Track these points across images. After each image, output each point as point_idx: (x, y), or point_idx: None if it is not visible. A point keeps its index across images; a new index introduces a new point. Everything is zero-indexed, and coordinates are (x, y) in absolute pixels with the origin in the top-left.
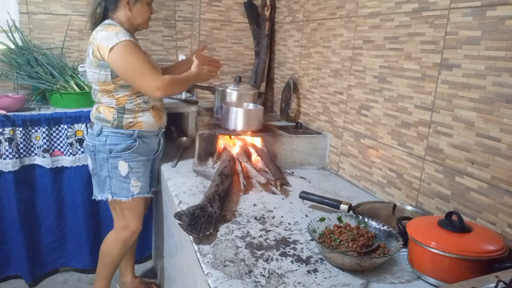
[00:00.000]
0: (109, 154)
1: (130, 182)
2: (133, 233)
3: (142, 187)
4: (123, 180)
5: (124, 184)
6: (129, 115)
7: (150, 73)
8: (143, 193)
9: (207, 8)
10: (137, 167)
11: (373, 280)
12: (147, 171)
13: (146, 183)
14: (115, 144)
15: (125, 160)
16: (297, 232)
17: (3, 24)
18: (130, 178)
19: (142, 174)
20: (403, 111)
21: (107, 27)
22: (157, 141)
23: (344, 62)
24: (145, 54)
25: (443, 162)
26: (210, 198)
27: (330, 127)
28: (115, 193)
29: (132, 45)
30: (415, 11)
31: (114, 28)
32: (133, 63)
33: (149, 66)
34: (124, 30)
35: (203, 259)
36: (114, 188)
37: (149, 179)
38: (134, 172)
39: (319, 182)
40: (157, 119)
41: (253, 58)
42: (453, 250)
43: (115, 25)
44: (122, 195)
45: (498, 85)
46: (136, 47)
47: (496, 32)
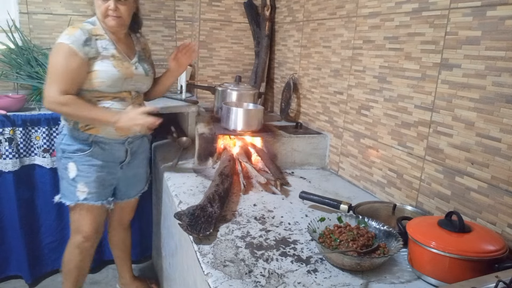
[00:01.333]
0: (62, 154)
1: (76, 186)
2: (86, 238)
3: (91, 194)
4: (71, 183)
5: (71, 187)
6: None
7: (54, 82)
8: (91, 201)
9: (207, 8)
10: (88, 171)
11: (373, 280)
12: (104, 179)
13: (98, 191)
14: (68, 145)
15: (75, 162)
16: (297, 232)
17: (3, 24)
18: (77, 181)
19: (93, 180)
20: (403, 111)
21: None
22: (123, 150)
23: (344, 62)
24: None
25: (443, 162)
26: (210, 198)
27: (330, 127)
28: (63, 195)
29: (64, 50)
30: (415, 11)
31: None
32: (51, 66)
33: (60, 76)
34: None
35: (203, 259)
36: (63, 189)
37: (109, 188)
38: (82, 176)
39: (319, 182)
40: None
41: (253, 58)
42: (453, 250)
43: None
44: (67, 198)
45: (498, 85)
46: (68, 53)
47: (496, 32)
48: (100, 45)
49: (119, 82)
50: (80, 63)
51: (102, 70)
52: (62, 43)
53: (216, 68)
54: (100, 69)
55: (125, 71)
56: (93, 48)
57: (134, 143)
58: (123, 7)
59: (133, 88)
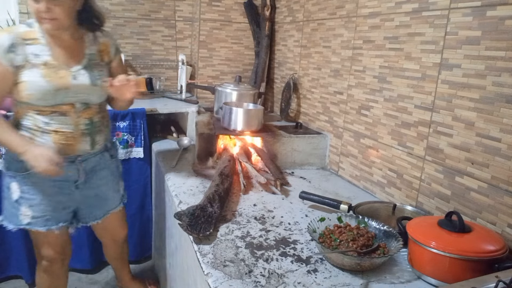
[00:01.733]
0: (6, 171)
1: (19, 209)
2: (51, 262)
3: (36, 219)
4: (13, 205)
5: (13, 209)
6: (26, 133)
7: None
8: (37, 226)
9: (207, 8)
10: (31, 193)
11: (373, 280)
12: (55, 201)
13: (45, 214)
14: (10, 161)
15: (18, 182)
16: (297, 232)
17: (3, 24)
18: (20, 204)
19: (38, 203)
20: (403, 111)
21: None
22: (74, 169)
23: (344, 62)
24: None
25: (443, 162)
26: (210, 198)
27: (330, 127)
28: (5, 217)
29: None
30: (415, 11)
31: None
32: None
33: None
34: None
35: (203, 259)
36: (5, 210)
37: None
38: (26, 199)
39: (319, 182)
40: (62, 146)
41: (253, 58)
42: (453, 250)
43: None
44: (10, 222)
45: (498, 85)
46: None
47: (496, 32)
48: (30, 51)
49: (48, 94)
50: (1, 73)
51: (29, 80)
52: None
53: (216, 68)
54: (27, 79)
55: (57, 82)
56: (19, 55)
57: (88, 161)
58: (58, 8)
59: (76, 100)
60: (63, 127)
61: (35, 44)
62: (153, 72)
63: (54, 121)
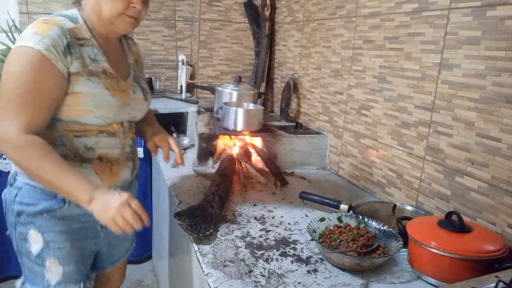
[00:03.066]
0: (17, 218)
1: (44, 265)
2: None
3: (68, 274)
4: (34, 262)
5: (36, 266)
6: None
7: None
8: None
9: (207, 8)
10: (59, 241)
11: (373, 280)
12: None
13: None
14: (28, 204)
15: (39, 228)
16: (297, 232)
17: (3, 24)
18: (45, 257)
19: (69, 252)
20: (403, 111)
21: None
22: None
23: (344, 62)
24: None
25: (443, 162)
26: (210, 198)
27: (330, 127)
28: (28, 279)
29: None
30: (415, 11)
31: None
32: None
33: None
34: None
35: (203, 259)
36: (25, 270)
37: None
38: (52, 249)
39: (319, 182)
40: (106, 176)
41: (253, 58)
42: (453, 250)
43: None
44: (34, 284)
45: (498, 85)
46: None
47: (496, 32)
48: (87, 54)
49: (113, 111)
50: (57, 81)
51: (89, 93)
52: (28, 48)
53: (216, 68)
54: (86, 91)
55: (121, 95)
56: (77, 59)
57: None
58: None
59: (127, 118)
60: (110, 151)
61: (88, 46)
62: (153, 72)
63: (100, 144)
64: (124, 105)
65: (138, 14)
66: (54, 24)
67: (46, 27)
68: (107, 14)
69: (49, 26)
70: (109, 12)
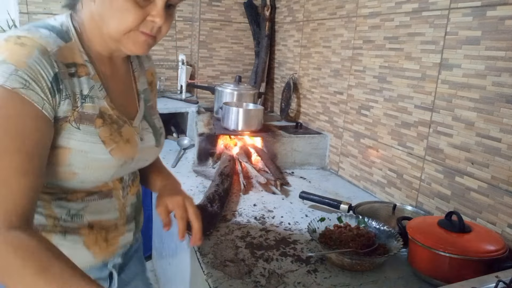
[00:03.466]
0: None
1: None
2: None
3: None
4: None
5: None
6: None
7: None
8: None
9: (207, 8)
10: None
11: (373, 280)
12: None
13: None
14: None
15: None
16: (297, 232)
17: (3, 24)
18: None
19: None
20: (403, 111)
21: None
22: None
23: (344, 62)
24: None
25: (443, 162)
26: (210, 198)
27: (330, 127)
28: None
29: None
30: (415, 11)
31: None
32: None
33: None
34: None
35: (203, 259)
36: None
37: None
38: None
39: (319, 182)
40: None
41: (253, 58)
42: (453, 250)
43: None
44: None
45: (498, 85)
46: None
47: (496, 32)
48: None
49: (109, 172)
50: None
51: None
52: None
53: (216, 68)
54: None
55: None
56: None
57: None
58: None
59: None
60: (104, 216)
61: (83, 76)
62: None
63: (90, 209)
64: (127, 163)
65: (157, 32)
66: (33, 46)
67: (21, 51)
68: (113, 31)
69: (26, 49)
70: (115, 28)
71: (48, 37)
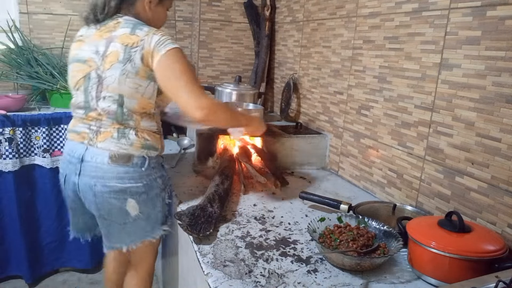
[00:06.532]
0: (162, 187)
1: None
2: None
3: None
4: (157, 216)
5: (158, 221)
6: (157, 136)
7: (199, 88)
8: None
9: (207, 8)
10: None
11: (373, 280)
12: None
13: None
14: (162, 176)
15: (168, 191)
16: (297, 232)
17: (3, 24)
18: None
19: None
20: (403, 111)
21: (154, 30)
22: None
23: (344, 62)
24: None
25: (443, 162)
26: (210, 198)
27: (330, 127)
28: (147, 235)
29: (184, 54)
30: (415, 11)
31: (161, 31)
32: (185, 72)
33: (197, 81)
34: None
35: (203, 259)
36: (145, 228)
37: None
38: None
39: (319, 182)
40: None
41: (253, 58)
42: (453, 250)
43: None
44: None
45: (498, 85)
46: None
47: (496, 32)
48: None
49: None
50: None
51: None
52: (179, 47)
53: (216, 68)
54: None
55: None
56: None
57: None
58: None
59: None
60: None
61: None
62: None
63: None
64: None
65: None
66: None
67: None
68: (159, 25)
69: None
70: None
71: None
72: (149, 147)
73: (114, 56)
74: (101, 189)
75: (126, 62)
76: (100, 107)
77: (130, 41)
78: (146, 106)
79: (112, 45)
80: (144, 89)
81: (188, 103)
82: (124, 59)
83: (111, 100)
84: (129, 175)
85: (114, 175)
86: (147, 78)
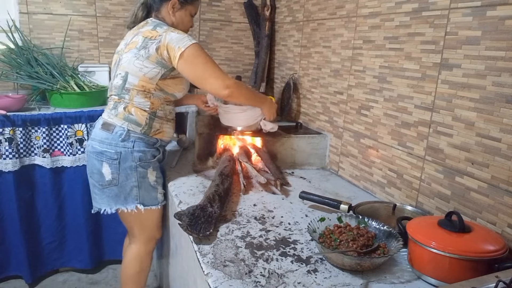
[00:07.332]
0: (139, 162)
1: (158, 190)
2: (157, 241)
3: (164, 194)
4: (152, 189)
5: (153, 193)
6: (158, 123)
7: (219, 71)
8: (164, 200)
9: (207, 8)
10: (160, 175)
11: (373, 280)
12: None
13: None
14: (143, 152)
15: (154, 168)
16: (297, 232)
17: (3, 24)
18: (157, 186)
19: (162, 180)
20: (403, 111)
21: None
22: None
23: (344, 62)
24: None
25: (443, 162)
26: (210, 198)
27: (330, 127)
28: (144, 203)
29: (202, 47)
30: (415, 11)
31: (178, 30)
32: (206, 62)
33: (218, 66)
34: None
35: (203, 259)
36: (142, 198)
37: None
38: (159, 180)
39: (319, 182)
40: (173, 130)
41: (253, 58)
42: (453, 250)
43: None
44: (152, 204)
45: (498, 85)
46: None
47: (496, 32)
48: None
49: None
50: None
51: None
52: (196, 43)
53: None
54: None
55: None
56: None
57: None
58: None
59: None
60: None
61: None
62: None
63: (174, 110)
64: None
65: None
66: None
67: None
68: (184, 29)
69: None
70: (186, 27)
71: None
72: (130, 120)
73: (134, 44)
74: (90, 149)
75: (141, 49)
76: (113, 84)
77: (150, 34)
78: (146, 84)
79: (135, 37)
80: (148, 70)
81: (216, 84)
82: (141, 47)
83: (120, 76)
84: (108, 140)
85: (98, 138)
86: (156, 63)
